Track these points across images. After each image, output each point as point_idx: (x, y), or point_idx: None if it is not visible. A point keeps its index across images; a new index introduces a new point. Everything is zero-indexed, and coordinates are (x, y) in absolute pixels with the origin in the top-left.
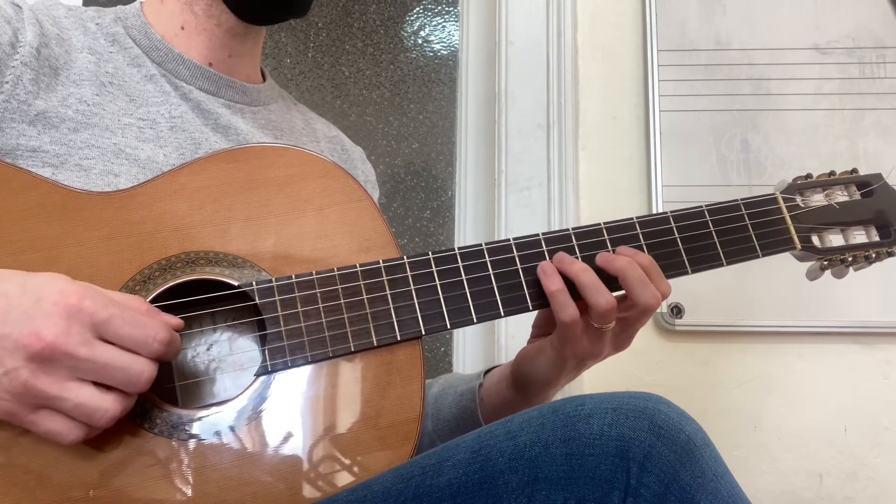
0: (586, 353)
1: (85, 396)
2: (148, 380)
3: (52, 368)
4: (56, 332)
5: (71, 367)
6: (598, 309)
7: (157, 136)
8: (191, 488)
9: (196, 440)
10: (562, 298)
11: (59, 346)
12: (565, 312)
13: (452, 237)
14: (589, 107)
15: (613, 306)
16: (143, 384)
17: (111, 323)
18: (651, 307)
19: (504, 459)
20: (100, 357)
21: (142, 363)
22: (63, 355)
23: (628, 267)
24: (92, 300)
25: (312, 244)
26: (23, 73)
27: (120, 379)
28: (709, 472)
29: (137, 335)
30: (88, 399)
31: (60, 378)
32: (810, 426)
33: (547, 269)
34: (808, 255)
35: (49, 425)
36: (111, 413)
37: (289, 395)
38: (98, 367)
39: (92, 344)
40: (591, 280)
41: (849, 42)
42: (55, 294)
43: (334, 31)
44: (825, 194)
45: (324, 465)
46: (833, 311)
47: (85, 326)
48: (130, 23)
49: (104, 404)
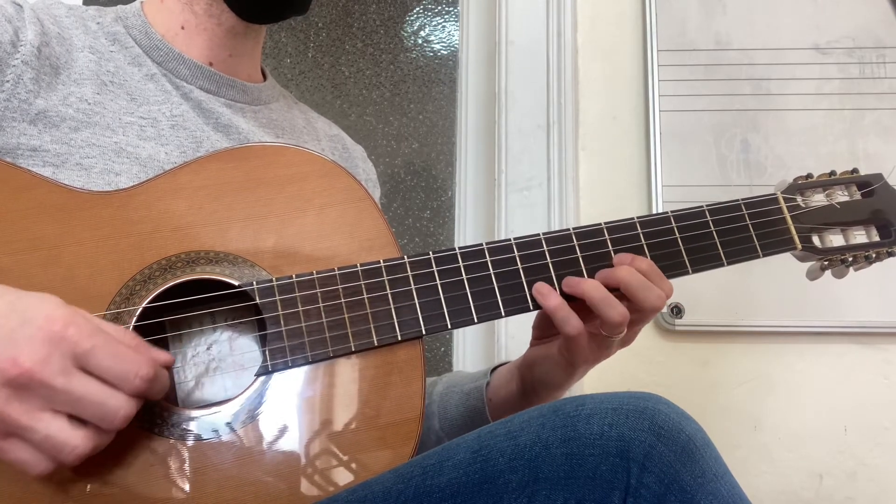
0: (596, 358)
1: (55, 429)
2: (125, 417)
3: (25, 396)
4: (35, 358)
5: (45, 397)
6: (612, 322)
7: (158, 134)
8: (190, 487)
9: (196, 439)
10: (563, 313)
11: (36, 374)
12: (569, 325)
13: (452, 237)
14: (589, 107)
15: (626, 317)
16: (119, 422)
17: (93, 354)
18: (657, 308)
19: (504, 459)
20: (76, 389)
21: (120, 399)
22: (38, 384)
23: (629, 276)
24: (77, 328)
25: (313, 244)
26: (24, 72)
27: (94, 414)
28: (709, 472)
29: (119, 369)
30: (58, 433)
31: (33, 407)
32: (810, 426)
33: (542, 290)
34: (808, 255)
35: (15, 454)
36: (79, 450)
37: (289, 394)
38: (73, 399)
39: (70, 374)
40: (602, 296)
41: (849, 42)
42: (41, 318)
43: (334, 31)
44: (826, 194)
45: (324, 465)
46: (833, 311)
47: (65, 356)
48: (131, 22)
49: (73, 440)
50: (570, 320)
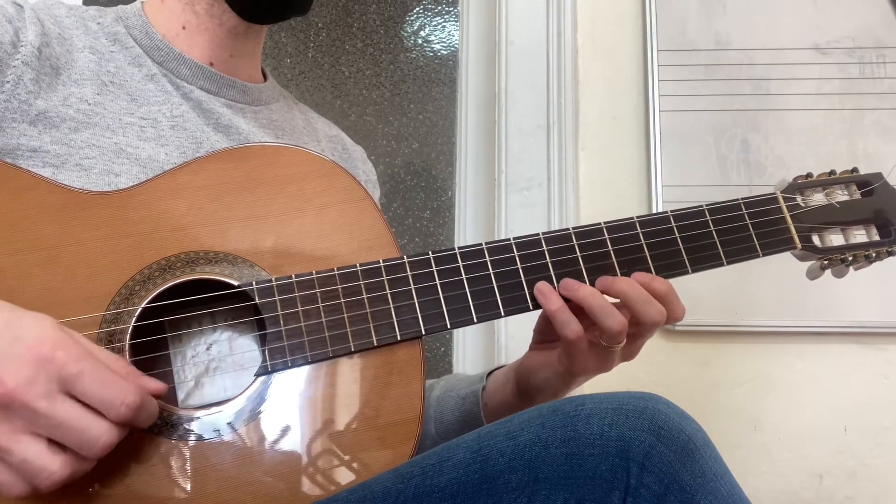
0: (596, 369)
1: (33, 453)
2: (106, 445)
3: (7, 417)
4: (19, 379)
5: (27, 420)
6: (610, 331)
7: (158, 135)
8: (190, 488)
9: (196, 440)
10: (564, 317)
11: (19, 395)
12: (569, 329)
13: (452, 237)
14: (589, 107)
15: (625, 327)
16: (99, 450)
17: (79, 379)
18: (656, 323)
19: (504, 459)
20: (58, 414)
21: (102, 427)
22: (20, 405)
23: (629, 288)
24: (66, 352)
25: (312, 244)
26: (24, 73)
27: (75, 440)
28: (709, 472)
29: (105, 396)
30: (36, 457)
31: (13, 429)
32: (810, 426)
33: (544, 290)
34: (808, 255)
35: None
36: (55, 476)
37: (289, 395)
38: (54, 424)
39: (53, 398)
40: (599, 303)
41: (849, 42)
42: (31, 338)
43: (334, 31)
44: (825, 194)
45: (324, 465)
46: (833, 311)
47: (51, 378)
48: (131, 22)
49: (50, 466)
50: (571, 324)
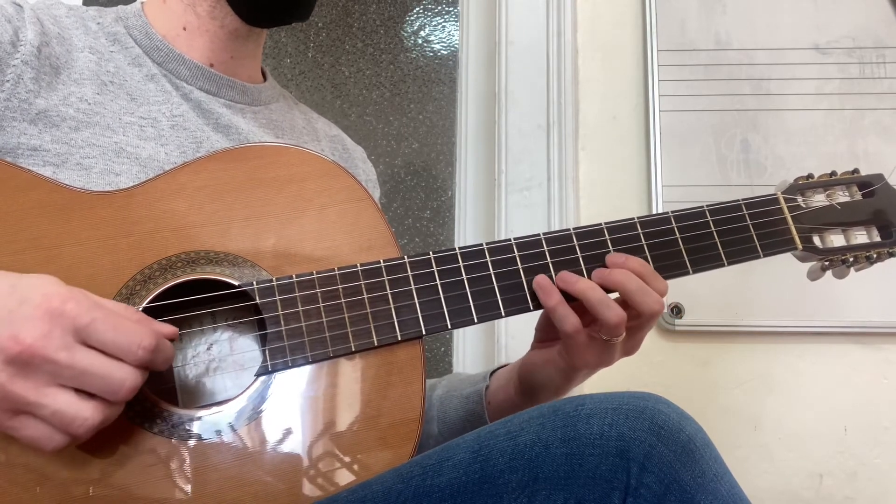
0: (596, 363)
1: (63, 403)
2: (131, 388)
3: (30, 373)
4: (35, 335)
5: (50, 373)
6: (609, 324)
7: (158, 134)
8: (191, 488)
9: (196, 440)
10: (562, 311)
11: (38, 350)
12: (567, 323)
13: (452, 237)
14: (589, 107)
15: (623, 319)
16: (126, 393)
17: (93, 327)
18: (656, 312)
19: (504, 459)
20: (79, 363)
21: (125, 371)
22: (42, 360)
23: (626, 279)
24: (76, 303)
25: (313, 244)
26: (24, 72)
27: (100, 386)
28: (709, 472)
29: (121, 341)
30: (67, 406)
31: (39, 384)
32: (810, 426)
33: (544, 284)
34: (809, 256)
35: (28, 431)
36: (90, 422)
37: (289, 394)
38: (77, 373)
39: (72, 349)
40: (598, 296)
41: (849, 42)
42: (39, 297)
43: (334, 31)
44: (826, 194)
45: (324, 465)
46: (833, 311)
47: (66, 330)
48: (131, 22)
49: (83, 412)
50: (569, 318)
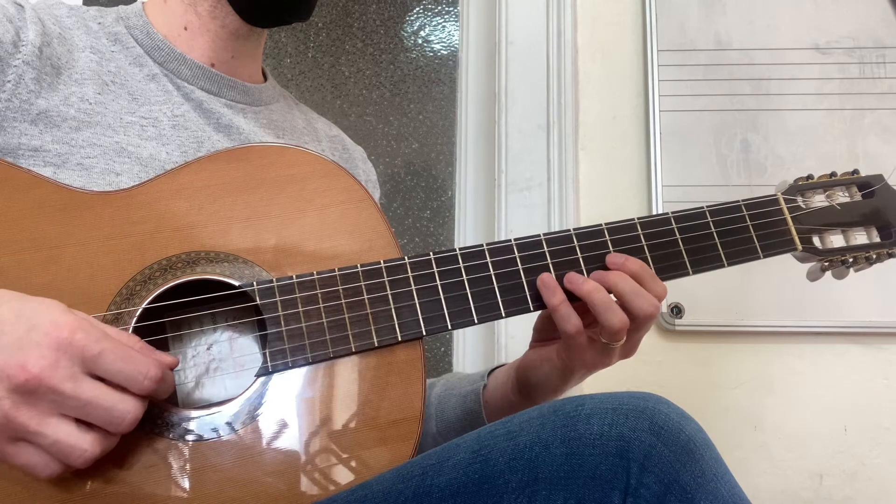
0: (594, 364)
1: (63, 434)
2: (132, 421)
3: (34, 401)
4: (43, 364)
5: (54, 402)
6: (612, 328)
7: (159, 134)
8: (191, 488)
9: (196, 440)
10: (565, 311)
11: (45, 379)
12: (569, 324)
13: (452, 237)
14: (589, 107)
15: (625, 325)
16: (128, 425)
17: (102, 358)
18: (650, 315)
19: (504, 459)
20: (84, 394)
21: (128, 403)
22: (47, 389)
23: (619, 280)
24: (84, 333)
25: (314, 244)
26: (25, 72)
27: (103, 418)
28: (709, 472)
29: (128, 371)
30: (67, 437)
31: (42, 412)
32: (810, 426)
33: (548, 283)
34: (808, 256)
35: (25, 458)
36: (88, 454)
37: (289, 395)
38: (81, 404)
39: (78, 379)
40: (603, 299)
41: (849, 42)
42: (48, 324)
43: (334, 31)
44: (826, 195)
45: (324, 465)
46: (833, 311)
47: (74, 361)
48: (132, 22)
49: (82, 444)
50: (571, 318)
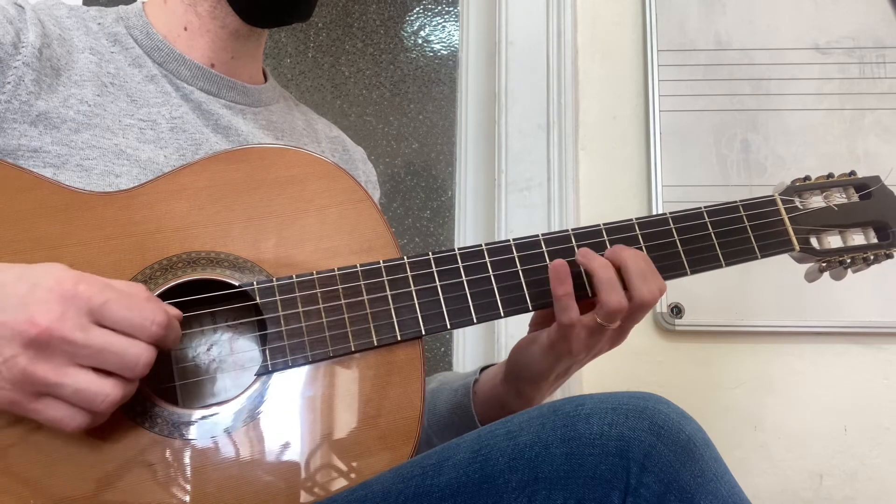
0: (581, 349)
1: (84, 382)
2: (146, 363)
3: (49, 355)
4: (51, 317)
5: (68, 353)
6: (609, 307)
7: (157, 136)
8: (191, 487)
9: (196, 439)
10: (566, 302)
11: (55, 331)
12: (567, 315)
13: (452, 237)
14: (589, 107)
15: (623, 307)
16: (142, 368)
17: (107, 307)
18: (648, 303)
19: (504, 459)
20: (96, 341)
21: (139, 347)
22: (59, 340)
23: (633, 261)
24: (88, 285)
25: (313, 244)
26: (25, 74)
27: (117, 363)
28: (709, 472)
29: (135, 318)
30: (88, 384)
31: (58, 364)
32: (810, 426)
33: (560, 272)
34: (806, 257)
35: (51, 412)
36: (111, 398)
37: (289, 394)
38: (95, 351)
39: (88, 329)
40: (609, 277)
41: (849, 42)
42: (50, 280)
43: (334, 31)
44: (823, 196)
45: (324, 465)
46: (833, 311)
47: (80, 311)
48: (132, 23)
49: (104, 389)
50: (570, 311)
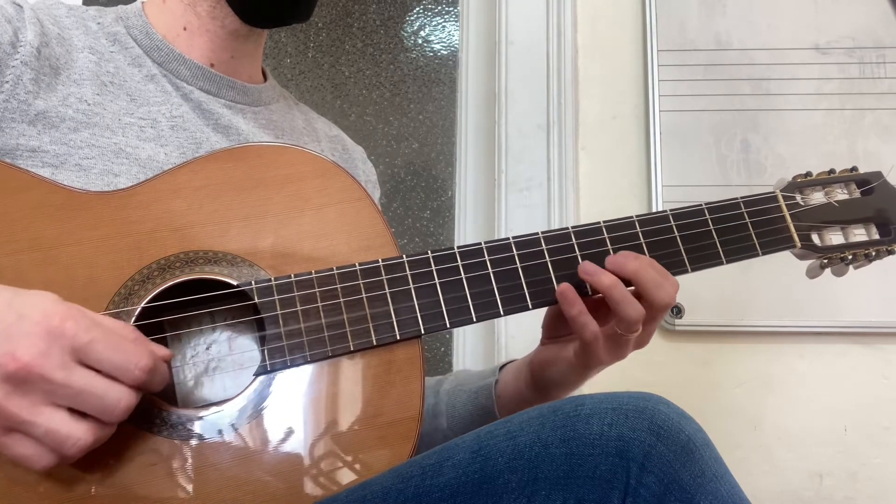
0: (610, 360)
1: (56, 423)
2: (126, 409)
3: (26, 391)
4: (33, 353)
5: (46, 391)
6: (629, 320)
7: (157, 135)
8: (191, 487)
9: (196, 440)
10: (583, 320)
11: (35, 368)
12: (587, 332)
13: (452, 237)
14: (589, 107)
15: (642, 316)
16: (121, 413)
17: (92, 347)
18: (667, 306)
19: (504, 459)
20: (76, 382)
21: (120, 391)
22: (38, 378)
23: (641, 269)
24: (75, 322)
25: (312, 243)
26: (23, 73)
27: (95, 406)
28: (709, 472)
29: (119, 360)
30: (60, 426)
31: (34, 402)
32: (810, 426)
33: (568, 295)
34: (808, 254)
35: (18, 449)
36: (82, 442)
37: (288, 394)
38: (74, 392)
39: (70, 368)
40: (621, 293)
41: (849, 42)
42: (38, 314)
43: (334, 31)
44: (825, 192)
45: (323, 465)
46: (833, 311)
47: (64, 349)
48: (132, 22)
49: (75, 433)
50: (589, 326)
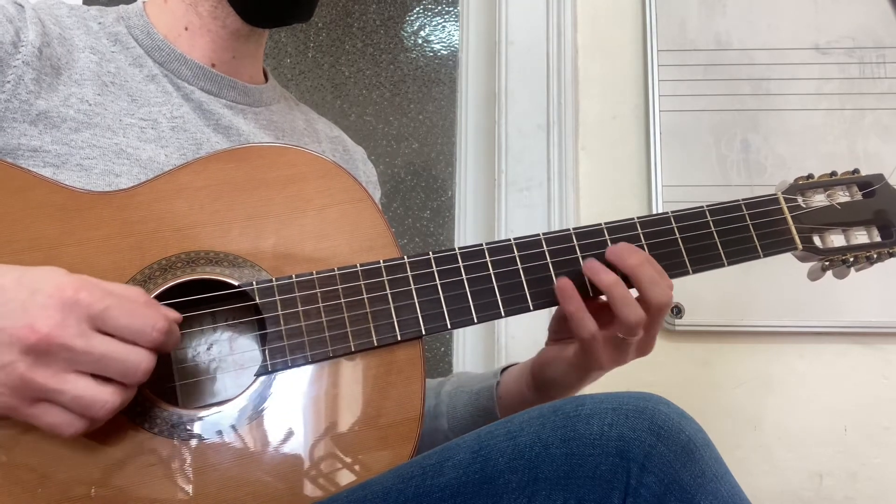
0: (611, 364)
1: (82, 389)
2: (146, 370)
3: (48, 361)
4: (51, 324)
5: (68, 360)
6: (629, 323)
7: (158, 136)
8: (191, 488)
9: (196, 440)
10: (580, 316)
11: (55, 338)
12: (584, 329)
13: (452, 237)
14: (589, 107)
15: (642, 319)
16: (142, 375)
17: (108, 314)
18: (665, 305)
19: (504, 459)
20: (96, 348)
21: (140, 354)
22: (59, 347)
23: (639, 265)
24: (88, 292)
25: (313, 244)
26: (24, 73)
27: (117, 370)
28: (709, 472)
29: (135, 325)
30: (86, 391)
31: (57, 370)
32: (810, 426)
33: (566, 290)
34: (809, 256)
35: (48, 418)
36: (110, 405)
37: (289, 394)
38: (95, 358)
39: (88, 335)
40: (622, 293)
41: (849, 42)
42: (51, 287)
43: (334, 31)
44: (827, 195)
45: (324, 465)
46: (833, 311)
47: (81, 318)
48: (133, 22)
49: (102, 396)
50: (587, 324)
